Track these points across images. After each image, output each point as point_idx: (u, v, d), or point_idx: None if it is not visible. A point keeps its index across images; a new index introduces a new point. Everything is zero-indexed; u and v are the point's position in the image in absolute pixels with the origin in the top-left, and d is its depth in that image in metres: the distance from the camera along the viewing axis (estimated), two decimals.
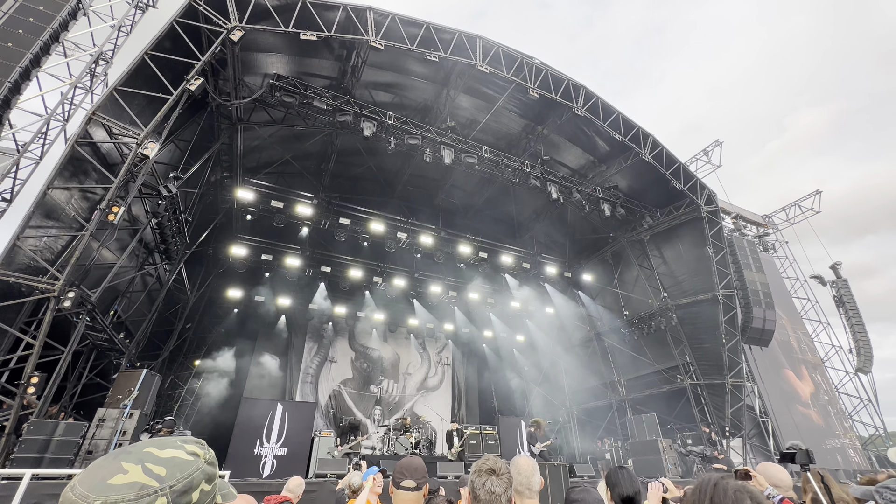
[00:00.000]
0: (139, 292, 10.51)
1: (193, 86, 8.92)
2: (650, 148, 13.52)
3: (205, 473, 0.71)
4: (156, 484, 0.62)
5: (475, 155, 12.42)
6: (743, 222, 20.62)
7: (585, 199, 13.92)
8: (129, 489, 0.60)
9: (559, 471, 9.34)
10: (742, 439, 13.53)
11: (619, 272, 17.30)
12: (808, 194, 21.99)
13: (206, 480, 0.70)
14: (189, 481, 0.67)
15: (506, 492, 1.57)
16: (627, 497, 2.15)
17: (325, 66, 10.95)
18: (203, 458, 0.72)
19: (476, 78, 11.56)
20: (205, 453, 0.74)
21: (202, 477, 0.70)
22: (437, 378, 19.81)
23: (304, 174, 14.69)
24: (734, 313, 13.95)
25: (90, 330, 8.62)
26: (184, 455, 0.70)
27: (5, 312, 7.12)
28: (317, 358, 17.72)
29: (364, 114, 11.14)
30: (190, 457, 0.70)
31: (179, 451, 0.70)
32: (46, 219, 7.48)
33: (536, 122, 13.49)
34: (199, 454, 0.72)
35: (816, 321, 20.71)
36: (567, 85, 12.40)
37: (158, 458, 0.67)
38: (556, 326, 19.61)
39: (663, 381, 15.36)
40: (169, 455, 0.68)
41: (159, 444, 0.70)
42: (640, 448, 11.76)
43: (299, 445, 9.31)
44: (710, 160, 20.41)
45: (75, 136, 7.65)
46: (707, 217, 14.11)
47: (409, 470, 1.97)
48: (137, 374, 8.47)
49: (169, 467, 0.66)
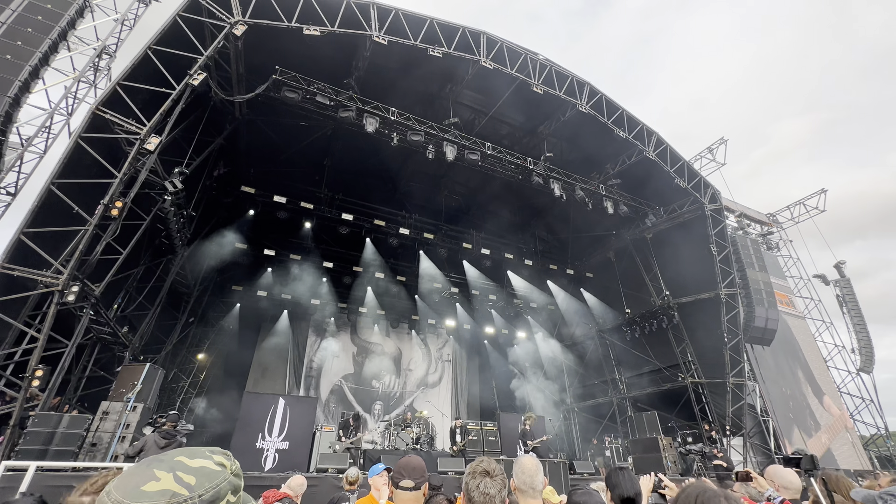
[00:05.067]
0: (143, 286, 10.56)
1: (196, 81, 8.92)
2: (654, 145, 13.44)
3: (231, 484, 0.72)
4: (186, 493, 0.64)
5: (478, 151, 12.37)
6: (747, 220, 20.49)
7: (589, 197, 13.86)
8: (160, 496, 0.62)
9: (559, 468, 9.39)
10: (743, 438, 13.54)
11: (622, 270, 17.24)
12: (813, 192, 21.81)
13: (231, 491, 0.71)
14: (216, 491, 0.68)
15: (500, 493, 1.57)
16: (628, 498, 2.15)
17: (328, 62, 10.91)
18: (230, 469, 0.74)
19: (480, 74, 11.50)
20: (231, 464, 0.75)
21: (228, 488, 0.71)
22: (438, 374, 19.84)
23: (307, 169, 14.71)
24: (736, 312, 13.91)
25: (94, 324, 8.67)
26: (212, 465, 0.71)
27: (10, 306, 7.16)
28: (319, 352, 17.77)
29: (367, 109, 11.10)
30: (218, 467, 0.71)
31: (208, 462, 0.72)
32: (50, 213, 7.49)
33: (540, 119, 13.43)
34: (226, 465, 0.73)
35: (819, 321, 20.63)
36: (571, 81, 12.33)
37: (189, 467, 0.68)
38: (558, 323, 19.64)
39: (664, 380, 15.36)
40: (198, 465, 0.70)
41: (189, 454, 0.72)
42: (641, 446, 11.79)
43: (301, 439, 9.37)
44: (714, 158, 20.27)
45: (79, 131, 7.66)
46: (711, 215, 14.03)
47: (408, 469, 1.97)
48: (141, 368, 8.52)
49: (198, 476, 0.67)
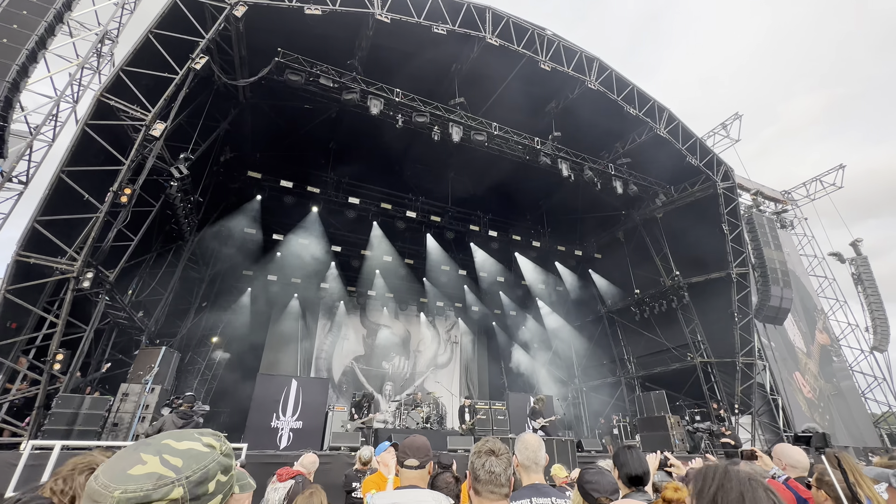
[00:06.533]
0: (155, 272, 10.75)
1: (199, 65, 8.83)
2: (666, 122, 13.06)
3: (220, 465, 0.72)
4: (172, 475, 0.65)
5: (484, 132, 12.15)
6: (762, 198, 20.00)
7: (597, 176, 13.60)
8: (146, 479, 0.63)
9: (566, 446, 9.51)
10: (751, 416, 13.57)
11: (631, 250, 17.06)
12: (830, 168, 21.15)
13: (222, 472, 0.72)
14: (205, 472, 0.69)
15: (505, 471, 1.61)
16: (635, 476, 2.17)
17: (331, 43, 10.70)
18: (219, 449, 0.74)
19: (485, 52, 11.18)
20: (221, 445, 0.76)
21: (218, 468, 0.72)
22: (447, 355, 20.11)
23: (313, 153, 14.62)
24: (747, 292, 13.74)
25: (110, 309, 8.88)
26: (200, 447, 0.72)
27: (28, 293, 7.35)
28: (330, 335, 18.05)
29: (371, 91, 10.91)
30: (206, 448, 0.72)
31: (196, 443, 0.72)
32: (62, 201, 7.59)
33: (548, 97, 13.07)
34: (215, 446, 0.74)
35: (833, 300, 20.33)
36: (580, 57, 11.94)
37: (175, 449, 0.69)
38: (566, 304, 19.63)
39: (673, 359, 15.36)
40: (185, 447, 0.70)
41: (177, 437, 0.73)
42: (648, 424, 11.90)
43: (314, 419, 9.63)
44: (727, 134, 19.67)
45: (84, 118, 7.67)
46: (723, 193, 13.71)
47: (412, 449, 2.03)
48: (157, 352, 8.77)
49: (185, 458, 0.68)
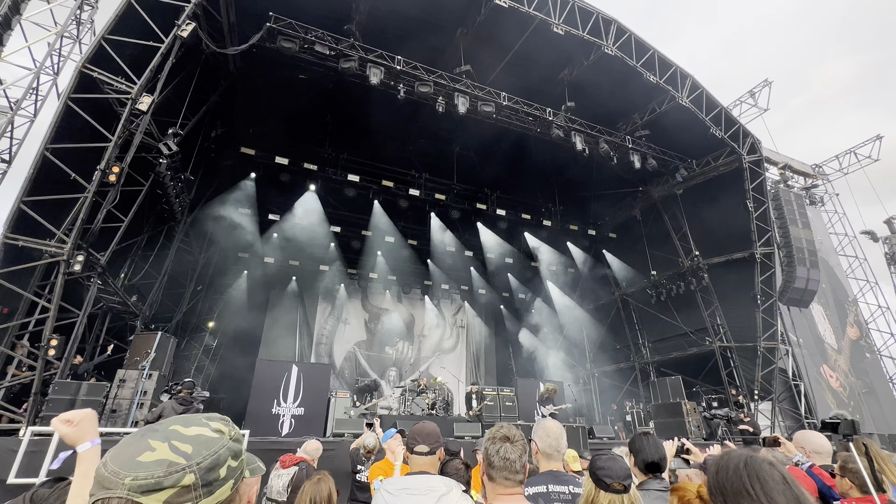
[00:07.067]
0: (148, 255, 10.43)
1: (185, 32, 8.27)
2: (689, 90, 12.11)
3: (230, 450, 0.71)
4: (183, 461, 0.63)
5: (492, 102, 11.38)
6: (791, 173, 18.78)
7: (613, 150, 12.75)
8: (157, 466, 0.61)
9: (577, 432, 9.21)
10: (772, 402, 13.02)
11: (648, 229, 16.24)
12: (867, 140, 19.68)
13: (232, 457, 0.71)
14: (215, 458, 0.67)
15: (520, 458, 1.60)
16: (652, 463, 2.11)
17: (326, 6, 9.98)
18: (228, 434, 0.73)
19: (493, 14, 10.32)
20: (230, 430, 0.74)
21: (228, 454, 0.70)
22: (453, 340, 19.66)
23: (309, 127, 13.95)
24: (772, 273, 12.98)
25: (103, 293, 8.62)
26: (209, 432, 0.70)
27: (19, 277, 7.11)
28: (330, 319, 17.57)
29: (370, 59, 10.20)
30: (215, 434, 0.71)
31: (204, 429, 0.71)
32: (48, 181, 7.23)
33: (561, 65, 12.15)
34: (224, 431, 0.73)
35: (864, 280, 19.30)
36: (596, 19, 11.00)
37: (184, 435, 0.68)
38: (578, 286, 18.93)
39: (690, 344, 14.76)
40: (194, 433, 0.69)
41: (184, 422, 0.71)
42: (663, 410, 11.44)
43: (316, 405, 9.45)
44: (756, 103, 18.38)
45: (67, 92, 7.23)
46: (749, 167, 12.80)
47: (423, 435, 2.01)
48: (153, 337, 8.56)
49: (195, 445, 0.67)
